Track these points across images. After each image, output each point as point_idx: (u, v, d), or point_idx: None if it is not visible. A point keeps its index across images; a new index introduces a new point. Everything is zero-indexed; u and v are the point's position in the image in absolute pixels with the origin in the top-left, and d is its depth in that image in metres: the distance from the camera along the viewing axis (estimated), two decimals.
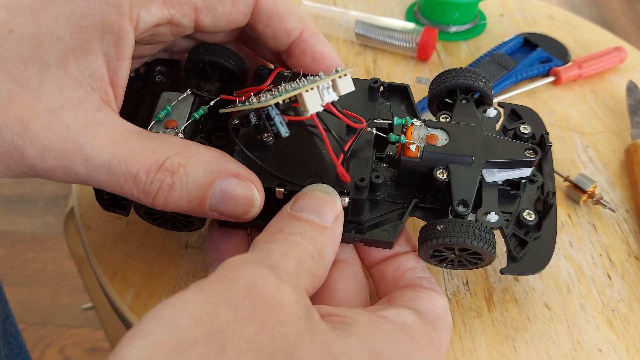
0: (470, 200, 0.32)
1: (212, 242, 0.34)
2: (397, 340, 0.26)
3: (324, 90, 0.30)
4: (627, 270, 0.40)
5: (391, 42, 0.56)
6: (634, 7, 1.72)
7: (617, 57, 0.55)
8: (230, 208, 0.30)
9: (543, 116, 0.50)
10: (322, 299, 0.31)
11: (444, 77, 0.37)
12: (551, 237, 0.34)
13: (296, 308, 0.24)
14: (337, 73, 0.31)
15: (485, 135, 0.35)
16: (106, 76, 0.30)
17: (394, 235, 0.33)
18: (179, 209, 0.30)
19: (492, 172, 0.34)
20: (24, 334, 0.99)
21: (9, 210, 1.23)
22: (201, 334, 0.21)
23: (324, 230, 0.29)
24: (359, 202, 0.32)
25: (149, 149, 0.29)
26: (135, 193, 0.29)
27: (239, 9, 0.33)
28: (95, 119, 0.29)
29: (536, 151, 0.34)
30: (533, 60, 0.55)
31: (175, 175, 0.29)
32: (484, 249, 0.31)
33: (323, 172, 0.32)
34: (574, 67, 0.53)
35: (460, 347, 0.35)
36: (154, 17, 0.31)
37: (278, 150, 0.34)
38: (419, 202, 0.34)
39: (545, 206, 0.34)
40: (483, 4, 0.63)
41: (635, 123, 0.48)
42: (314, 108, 0.30)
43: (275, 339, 0.22)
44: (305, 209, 0.30)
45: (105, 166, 0.28)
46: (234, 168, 0.30)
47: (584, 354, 0.35)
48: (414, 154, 0.33)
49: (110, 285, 0.37)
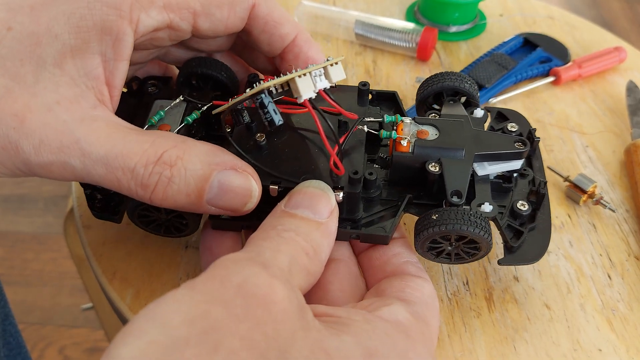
0: (463, 190, 0.32)
1: (205, 245, 0.34)
2: (391, 338, 0.26)
3: (316, 77, 0.31)
4: (627, 270, 0.40)
5: (391, 42, 0.56)
6: (633, 8, 1.72)
7: (616, 57, 0.55)
8: (228, 200, 0.30)
9: (543, 116, 0.51)
10: (317, 299, 0.31)
11: (431, 81, 0.39)
12: (546, 227, 0.35)
13: (289, 304, 0.24)
14: (329, 61, 0.32)
15: (475, 129, 0.35)
16: (102, 76, 0.30)
17: (389, 230, 0.33)
18: (176, 203, 0.29)
19: (483, 166, 0.35)
20: (24, 334, 0.99)
21: (8, 210, 1.23)
22: (194, 333, 0.21)
23: (318, 226, 0.29)
24: (353, 197, 0.32)
25: (147, 142, 0.29)
26: (133, 187, 0.29)
27: (236, 15, 0.34)
28: (91, 115, 0.29)
29: (525, 143, 0.35)
30: (533, 60, 0.55)
31: (174, 168, 0.29)
32: (480, 235, 0.31)
33: (316, 169, 0.33)
34: (574, 67, 0.53)
35: (460, 347, 0.35)
36: (154, 20, 0.31)
37: (271, 150, 0.34)
38: (413, 198, 0.34)
39: (538, 196, 0.35)
40: (483, 4, 0.63)
41: (635, 123, 0.48)
42: (307, 94, 0.31)
43: (268, 336, 0.22)
44: (299, 206, 0.30)
45: (102, 160, 0.28)
46: (231, 160, 0.30)
47: (584, 354, 0.35)
48: (406, 148, 0.33)
49: (110, 286, 0.37)
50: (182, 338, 0.21)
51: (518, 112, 0.39)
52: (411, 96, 0.52)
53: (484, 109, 0.38)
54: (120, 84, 0.31)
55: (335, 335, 0.24)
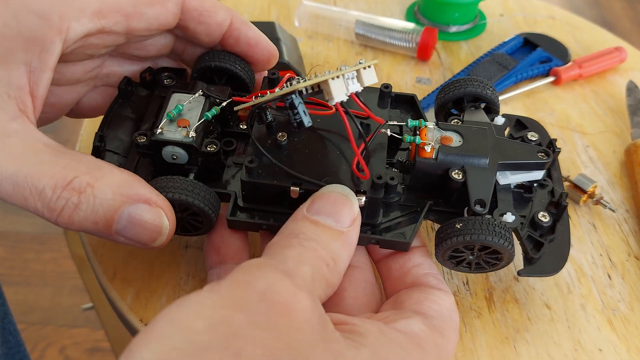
0: (487, 200, 0.32)
1: (212, 245, 0.34)
2: (406, 351, 0.26)
3: (348, 80, 0.31)
4: (628, 270, 0.39)
5: (391, 42, 0.56)
6: (634, 7, 1.72)
7: (617, 57, 0.55)
8: (137, 234, 0.29)
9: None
10: (331, 306, 0.31)
11: (452, 86, 0.38)
12: (566, 239, 0.34)
13: (311, 315, 0.24)
14: (362, 64, 0.31)
15: (497, 137, 0.35)
16: (26, 86, 0.29)
17: (410, 237, 0.32)
18: (83, 229, 0.29)
19: (505, 175, 0.34)
20: (24, 334, 0.99)
21: (9, 210, 1.23)
22: (216, 339, 0.21)
23: (339, 236, 0.29)
24: (374, 202, 0.31)
25: (59, 164, 0.28)
26: (40, 208, 0.28)
27: (167, 10, 0.34)
28: (6, 129, 0.28)
29: (548, 154, 0.35)
30: (533, 60, 0.55)
31: (82, 195, 0.28)
32: (504, 246, 0.31)
33: (338, 172, 0.32)
34: (574, 67, 0.53)
35: (461, 347, 0.35)
36: (85, 27, 0.31)
37: (292, 150, 0.33)
38: (433, 205, 0.34)
39: (559, 208, 0.35)
40: (483, 4, 0.63)
41: (635, 123, 0.48)
42: (339, 96, 0.30)
43: (290, 346, 0.22)
44: (321, 212, 0.29)
45: (11, 178, 0.27)
46: (145, 194, 0.29)
47: (585, 354, 0.35)
48: (429, 154, 0.33)
49: (111, 285, 0.37)
50: (204, 344, 0.21)
51: (536, 121, 0.39)
52: None
53: (504, 116, 0.38)
54: (44, 93, 0.30)
55: (354, 347, 0.24)
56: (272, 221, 0.32)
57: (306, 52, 0.57)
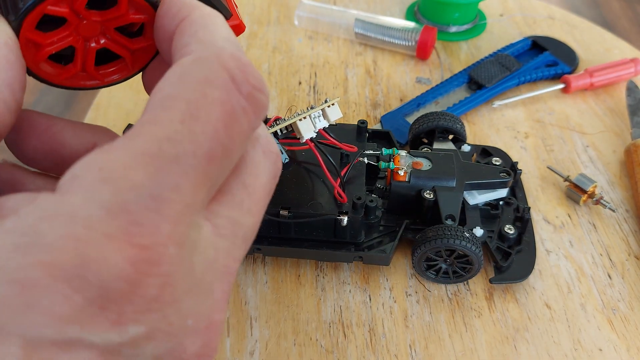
0: (456, 214, 0.36)
1: None
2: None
3: (315, 118, 0.35)
4: (628, 270, 0.40)
5: (391, 40, 0.56)
6: (634, 8, 1.72)
7: (632, 68, 0.52)
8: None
9: (544, 116, 0.51)
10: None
11: (427, 119, 0.43)
12: (531, 249, 0.39)
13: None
14: (326, 103, 0.36)
15: (464, 161, 0.39)
16: None
17: (390, 251, 0.37)
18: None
19: (474, 195, 0.39)
20: None
21: None
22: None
23: None
24: (356, 221, 0.35)
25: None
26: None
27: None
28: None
29: (509, 173, 0.39)
30: (539, 63, 0.54)
31: None
32: (470, 248, 0.34)
33: (322, 197, 0.36)
34: (586, 76, 0.52)
35: (461, 347, 0.35)
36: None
37: (280, 182, 0.35)
38: (410, 224, 0.38)
39: (523, 221, 0.39)
40: (483, 4, 0.63)
41: (635, 123, 0.48)
42: (307, 134, 0.35)
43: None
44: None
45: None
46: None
47: (585, 353, 0.35)
48: (403, 177, 0.38)
49: None
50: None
51: (500, 149, 0.44)
52: (411, 95, 0.52)
53: (470, 145, 0.43)
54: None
55: None
56: (265, 245, 0.36)
57: (306, 53, 0.57)
